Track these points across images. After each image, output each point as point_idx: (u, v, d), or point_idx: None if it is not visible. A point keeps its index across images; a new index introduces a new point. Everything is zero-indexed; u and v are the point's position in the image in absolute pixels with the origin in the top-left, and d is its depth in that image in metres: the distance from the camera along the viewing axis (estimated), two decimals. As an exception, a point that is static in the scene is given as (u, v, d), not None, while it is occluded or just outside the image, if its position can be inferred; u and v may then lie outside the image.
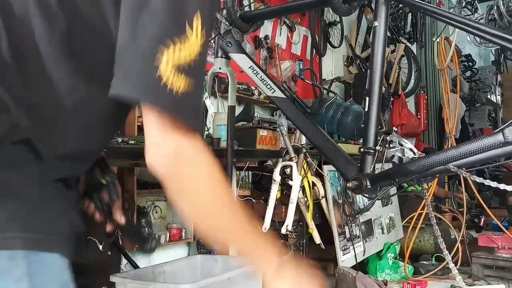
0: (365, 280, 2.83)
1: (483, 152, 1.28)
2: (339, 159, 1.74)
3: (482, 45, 6.42)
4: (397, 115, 5.55)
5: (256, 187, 3.26)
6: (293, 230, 2.93)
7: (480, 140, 1.29)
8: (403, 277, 3.53)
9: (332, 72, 5.08)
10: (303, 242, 3.09)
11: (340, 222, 3.26)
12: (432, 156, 1.46)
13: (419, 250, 3.94)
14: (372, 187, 1.60)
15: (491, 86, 7.65)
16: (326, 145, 1.77)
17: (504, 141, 1.23)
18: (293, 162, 2.82)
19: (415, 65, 6.08)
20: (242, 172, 3.15)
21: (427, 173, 1.52)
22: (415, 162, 1.52)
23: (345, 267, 3.03)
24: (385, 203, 3.99)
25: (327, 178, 3.19)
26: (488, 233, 3.83)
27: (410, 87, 6.11)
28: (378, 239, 3.72)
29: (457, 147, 1.37)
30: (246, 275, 2.26)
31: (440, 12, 1.76)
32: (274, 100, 2.13)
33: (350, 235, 3.31)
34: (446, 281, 3.44)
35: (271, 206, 2.77)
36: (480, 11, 6.08)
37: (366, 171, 1.62)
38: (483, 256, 3.62)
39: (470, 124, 6.89)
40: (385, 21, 1.79)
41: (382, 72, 1.73)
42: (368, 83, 1.72)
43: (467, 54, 7.25)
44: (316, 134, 1.81)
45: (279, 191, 2.86)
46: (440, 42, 4.97)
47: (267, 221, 2.75)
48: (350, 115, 3.88)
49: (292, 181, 2.79)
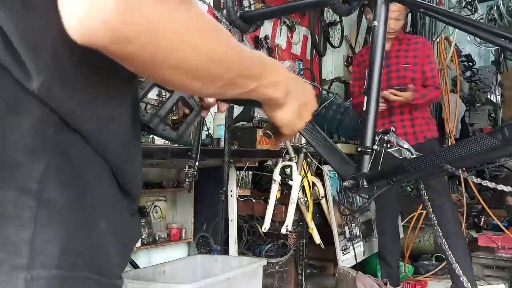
0: (365, 280, 2.83)
1: (481, 151, 1.28)
2: (336, 159, 1.74)
3: (482, 45, 6.42)
4: (397, 115, 5.55)
5: (256, 187, 3.26)
6: (293, 230, 2.94)
7: (478, 140, 1.29)
8: (403, 277, 3.53)
9: (332, 72, 5.09)
10: (303, 242, 3.09)
11: (340, 222, 3.26)
12: (429, 155, 1.46)
13: (419, 250, 3.95)
14: (368, 187, 1.60)
15: (491, 86, 7.65)
16: (323, 144, 1.77)
17: (503, 140, 1.23)
18: (293, 162, 2.83)
19: (415, 65, 6.08)
20: (242, 172, 3.15)
21: (424, 173, 1.52)
22: (412, 161, 1.52)
23: (345, 267, 3.03)
24: (385, 203, 3.99)
25: (327, 178, 3.20)
26: (488, 233, 3.83)
27: (410, 87, 6.11)
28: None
29: (454, 147, 1.37)
30: (246, 275, 2.27)
31: (440, 12, 1.77)
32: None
33: (350, 235, 3.32)
34: (446, 281, 3.44)
35: (271, 206, 2.78)
36: (480, 11, 6.08)
37: (363, 171, 1.62)
38: (483, 256, 3.62)
39: (470, 124, 6.89)
40: (384, 21, 1.79)
41: (381, 72, 1.74)
42: (367, 82, 1.72)
43: (467, 54, 7.24)
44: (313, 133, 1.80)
45: (279, 191, 2.86)
46: (440, 42, 4.98)
47: (267, 221, 2.76)
48: (350, 115, 3.88)
49: (292, 181, 2.79)
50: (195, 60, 0.56)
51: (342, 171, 1.69)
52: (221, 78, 0.61)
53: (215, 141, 2.69)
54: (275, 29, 4.25)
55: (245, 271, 2.25)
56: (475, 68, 7.29)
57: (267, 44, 4.03)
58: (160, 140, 2.36)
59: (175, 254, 3.05)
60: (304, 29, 4.65)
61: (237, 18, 2.40)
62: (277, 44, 4.20)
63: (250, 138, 3.05)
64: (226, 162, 2.24)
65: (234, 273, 2.16)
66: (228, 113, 2.32)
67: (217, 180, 2.60)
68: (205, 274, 2.35)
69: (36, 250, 0.51)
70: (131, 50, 0.51)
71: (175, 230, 2.99)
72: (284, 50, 4.35)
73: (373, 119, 1.66)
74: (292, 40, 4.49)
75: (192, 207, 3.04)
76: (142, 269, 2.30)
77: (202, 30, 0.56)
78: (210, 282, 1.97)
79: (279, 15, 3.77)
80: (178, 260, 2.56)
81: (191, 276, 2.34)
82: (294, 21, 4.45)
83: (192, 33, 0.55)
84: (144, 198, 2.92)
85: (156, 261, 2.79)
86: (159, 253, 3.00)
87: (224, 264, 2.41)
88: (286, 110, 0.77)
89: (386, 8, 1.79)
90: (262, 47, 4.02)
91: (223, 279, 2.05)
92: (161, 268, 2.24)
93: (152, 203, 2.99)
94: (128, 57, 0.52)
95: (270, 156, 3.07)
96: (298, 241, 3.06)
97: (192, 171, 2.18)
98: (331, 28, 4.95)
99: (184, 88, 0.63)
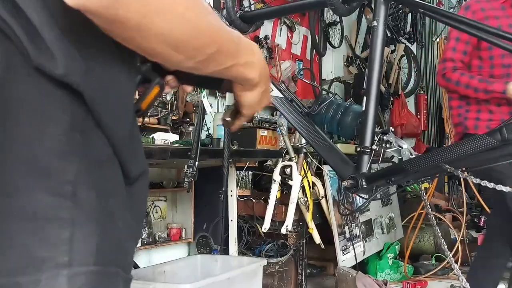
0: (365, 280, 2.83)
1: (480, 151, 1.28)
2: (335, 159, 1.74)
3: (482, 45, 6.41)
4: (397, 115, 5.56)
5: (256, 187, 3.27)
6: (293, 230, 2.94)
7: (477, 139, 1.29)
8: (403, 277, 3.53)
9: (332, 72, 5.09)
10: (303, 242, 3.10)
11: (340, 222, 3.26)
12: (428, 155, 1.46)
13: (419, 250, 3.95)
14: (368, 187, 1.60)
15: (491, 86, 7.64)
16: (322, 144, 1.77)
17: (502, 139, 1.23)
18: (293, 162, 2.83)
19: (415, 65, 6.08)
20: (242, 172, 3.16)
21: (423, 173, 1.52)
22: (411, 161, 1.52)
23: (345, 267, 3.04)
24: (385, 203, 4.00)
25: (327, 178, 3.20)
26: (488, 233, 3.83)
27: (410, 87, 6.12)
28: (378, 239, 3.72)
29: (454, 146, 1.37)
30: (246, 275, 2.27)
31: (439, 12, 1.76)
32: (271, 99, 2.14)
33: (350, 235, 3.32)
34: (446, 281, 3.45)
35: (271, 206, 2.78)
36: (480, 11, 6.08)
37: (362, 171, 1.62)
38: (483, 256, 3.62)
39: (470, 124, 6.89)
40: (384, 21, 1.79)
41: (380, 72, 1.73)
42: (366, 82, 1.72)
43: (467, 54, 7.24)
44: (312, 133, 1.80)
45: (279, 191, 2.87)
46: (440, 42, 4.98)
47: (267, 221, 2.76)
48: (350, 115, 3.88)
49: (292, 181, 2.80)
50: (179, 28, 0.59)
51: (341, 171, 1.69)
52: (202, 51, 0.64)
53: (215, 141, 2.69)
54: (275, 29, 4.26)
55: (245, 271, 2.25)
56: (475, 68, 7.28)
57: (267, 44, 4.04)
58: (160, 140, 2.36)
59: (175, 254, 3.06)
60: (304, 29, 4.65)
61: (237, 18, 2.39)
62: (277, 44, 4.21)
63: (250, 138, 3.05)
64: (225, 162, 2.24)
65: (234, 273, 2.16)
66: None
67: (217, 180, 2.60)
68: (205, 274, 2.35)
69: (75, 249, 0.55)
70: (122, 13, 0.53)
71: (175, 230, 3.00)
72: (284, 50, 4.35)
73: (372, 119, 1.66)
74: (292, 40, 4.49)
75: (192, 207, 3.04)
76: (142, 269, 2.30)
77: (187, 1, 0.59)
78: (210, 282, 1.97)
79: (279, 15, 3.77)
80: (178, 260, 2.57)
81: (191, 276, 2.35)
82: (294, 21, 4.46)
83: (178, 3, 0.58)
84: (144, 198, 2.93)
85: (156, 261, 2.79)
86: (159, 253, 3.00)
87: (224, 264, 2.41)
88: (255, 91, 0.80)
89: (386, 8, 1.79)
90: (262, 47, 4.02)
91: (223, 279, 2.05)
92: (161, 268, 2.24)
93: (152, 203, 2.99)
94: (119, 21, 0.54)
95: (270, 156, 3.07)
96: (298, 241, 3.07)
97: (192, 171, 2.18)
98: (331, 28, 4.95)
99: (166, 58, 0.64)
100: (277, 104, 2.02)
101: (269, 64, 4.11)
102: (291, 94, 2.89)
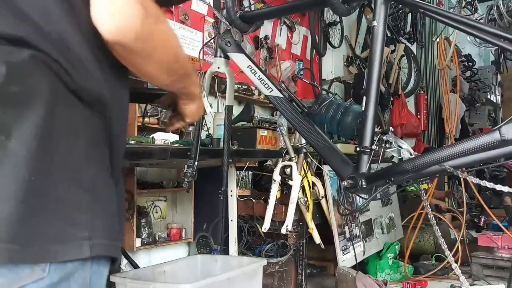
0: (365, 280, 2.83)
1: (480, 151, 1.28)
2: (335, 159, 1.74)
3: (482, 45, 6.42)
4: (397, 115, 5.56)
5: (256, 187, 3.26)
6: (293, 230, 2.94)
7: (476, 139, 1.29)
8: (403, 277, 3.53)
9: (332, 72, 5.09)
10: (303, 242, 3.09)
11: (340, 222, 3.26)
12: (428, 155, 1.46)
13: (419, 250, 3.95)
14: (367, 187, 1.60)
15: (491, 86, 7.66)
16: (322, 144, 1.77)
17: (501, 139, 1.23)
18: (293, 162, 2.83)
19: (415, 65, 6.08)
20: (242, 172, 3.16)
21: (423, 173, 1.52)
22: (411, 161, 1.51)
23: (345, 267, 3.03)
24: (385, 203, 4.00)
25: (327, 178, 3.19)
26: (488, 233, 3.83)
27: (410, 87, 6.12)
28: (378, 239, 3.72)
29: (453, 146, 1.37)
30: (246, 275, 2.27)
31: (439, 12, 1.76)
32: (271, 99, 2.13)
33: (350, 235, 3.32)
34: (446, 281, 3.45)
35: (271, 206, 2.78)
36: (480, 11, 6.08)
37: (362, 171, 1.61)
38: (483, 256, 3.62)
39: (470, 124, 6.90)
40: (384, 21, 1.79)
41: (380, 72, 1.73)
42: (366, 82, 1.72)
43: (467, 54, 7.25)
44: (312, 133, 1.80)
45: (279, 191, 2.86)
46: (440, 42, 4.98)
47: (267, 221, 2.76)
48: (350, 115, 3.88)
49: (292, 181, 2.79)
50: (169, 55, 0.85)
51: (341, 171, 1.68)
52: (176, 72, 0.90)
53: (215, 141, 2.69)
54: (275, 29, 4.26)
55: (245, 271, 2.24)
56: (475, 68, 7.30)
57: (267, 44, 4.04)
58: (160, 140, 2.36)
59: (175, 254, 3.06)
60: (304, 29, 4.66)
61: (237, 18, 2.39)
62: (277, 44, 4.21)
63: (250, 138, 3.05)
64: (225, 162, 2.24)
65: (234, 273, 2.16)
66: (228, 113, 2.32)
67: (217, 180, 2.60)
68: (205, 274, 2.35)
69: (94, 227, 0.76)
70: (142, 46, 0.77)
71: (175, 230, 3.00)
72: (284, 50, 4.35)
73: (372, 119, 1.66)
74: (292, 40, 4.49)
75: (192, 207, 3.04)
76: (142, 269, 2.30)
77: (172, 36, 0.84)
78: (210, 282, 1.97)
79: (279, 15, 3.77)
80: (178, 260, 2.56)
81: (191, 276, 2.34)
82: (294, 21, 4.46)
83: (170, 38, 0.83)
84: (144, 198, 2.93)
85: (156, 261, 2.79)
86: (159, 253, 3.00)
87: (224, 264, 2.41)
88: (195, 104, 1.06)
89: (386, 8, 1.79)
90: (262, 47, 4.02)
91: (223, 279, 2.05)
92: (161, 268, 2.23)
93: (152, 203, 3.00)
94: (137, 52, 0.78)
95: (270, 156, 3.07)
96: (298, 241, 3.06)
97: (191, 171, 2.17)
98: (331, 28, 4.95)
99: (154, 78, 0.89)
100: (277, 104, 2.02)
101: (269, 64, 4.11)
102: (291, 94, 2.88)
